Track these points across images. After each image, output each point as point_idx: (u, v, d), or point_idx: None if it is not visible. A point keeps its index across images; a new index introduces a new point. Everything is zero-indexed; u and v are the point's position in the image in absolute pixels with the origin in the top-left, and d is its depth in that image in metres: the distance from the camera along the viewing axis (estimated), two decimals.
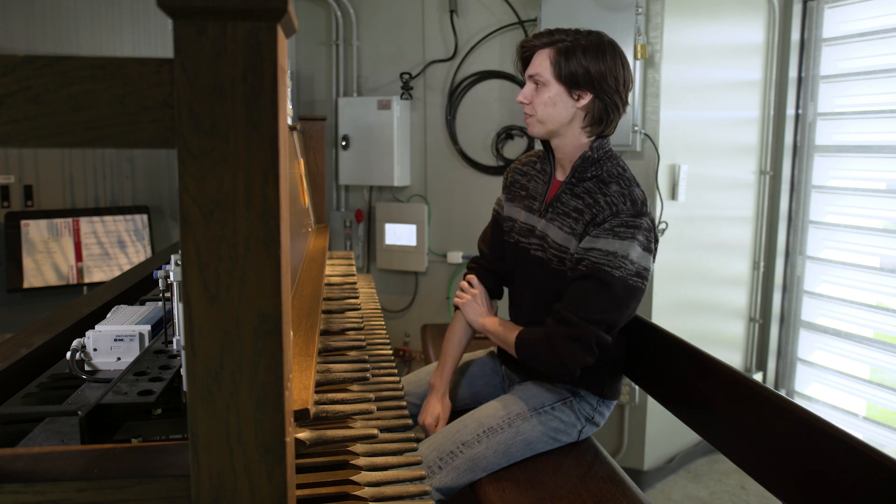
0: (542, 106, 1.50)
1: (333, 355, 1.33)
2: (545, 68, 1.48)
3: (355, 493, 0.96)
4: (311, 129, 2.85)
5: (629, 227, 1.43)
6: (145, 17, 3.10)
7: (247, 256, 0.59)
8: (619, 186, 1.48)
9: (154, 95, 0.59)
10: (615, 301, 1.43)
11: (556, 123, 1.50)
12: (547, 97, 1.49)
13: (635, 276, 1.44)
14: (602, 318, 1.44)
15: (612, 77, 1.46)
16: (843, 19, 2.89)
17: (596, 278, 1.42)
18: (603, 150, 1.52)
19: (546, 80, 1.48)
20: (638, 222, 1.44)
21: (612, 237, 1.43)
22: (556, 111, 1.49)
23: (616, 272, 1.42)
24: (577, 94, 1.47)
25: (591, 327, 1.43)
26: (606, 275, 1.42)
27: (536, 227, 1.60)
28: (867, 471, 1.02)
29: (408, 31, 3.19)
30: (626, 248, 1.42)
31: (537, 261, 1.58)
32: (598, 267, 1.42)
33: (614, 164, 1.53)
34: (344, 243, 3.42)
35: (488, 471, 1.52)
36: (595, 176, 1.52)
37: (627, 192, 1.47)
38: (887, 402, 2.74)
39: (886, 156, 2.73)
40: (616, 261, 1.42)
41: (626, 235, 1.43)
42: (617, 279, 1.42)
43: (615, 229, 1.43)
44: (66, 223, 2.86)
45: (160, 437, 0.91)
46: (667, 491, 2.81)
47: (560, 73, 1.46)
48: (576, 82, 1.46)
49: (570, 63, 1.45)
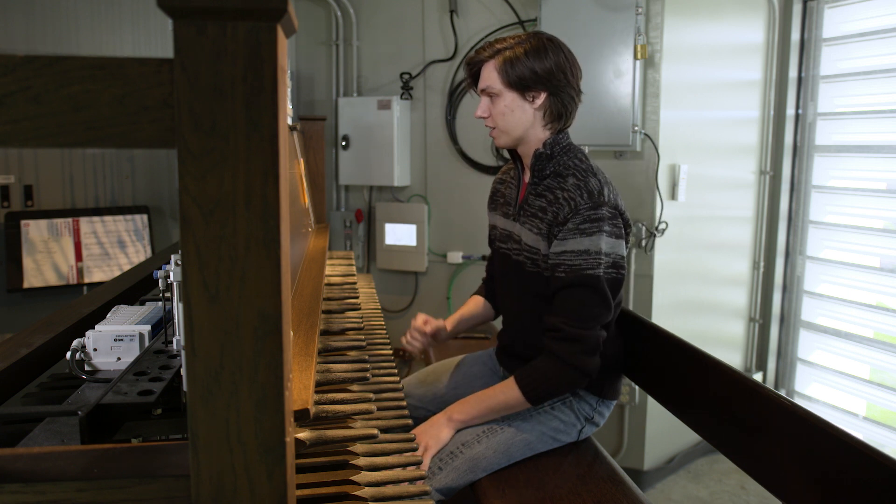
0: (501, 116, 1.53)
1: (333, 355, 1.33)
2: (494, 79, 1.51)
3: (355, 493, 0.96)
4: (311, 129, 2.85)
5: (592, 220, 1.45)
6: (145, 17, 3.10)
7: (247, 256, 0.59)
8: (574, 178, 1.50)
9: (154, 95, 0.59)
10: (604, 300, 1.46)
11: (520, 129, 1.53)
12: (503, 106, 1.52)
13: (612, 268, 1.47)
14: (598, 319, 1.47)
15: (559, 71, 1.48)
16: (843, 19, 2.89)
17: (580, 285, 1.45)
18: (559, 146, 1.55)
19: (498, 90, 1.51)
20: (599, 214, 1.45)
21: (580, 235, 1.45)
22: (516, 117, 1.52)
23: (597, 271, 1.44)
24: (531, 96, 1.50)
25: (594, 333, 1.46)
26: (589, 278, 1.44)
27: (512, 232, 1.63)
28: (867, 471, 1.02)
29: (408, 31, 3.19)
30: (596, 242, 1.44)
31: (517, 264, 1.61)
32: (577, 271, 1.44)
33: (571, 157, 1.55)
34: (344, 243, 3.42)
35: (488, 471, 1.52)
36: (553, 172, 1.55)
37: (583, 183, 1.48)
38: (887, 402, 2.74)
39: (886, 156, 2.73)
40: (591, 258, 1.44)
41: (592, 230, 1.44)
42: (600, 278, 1.44)
43: (580, 227, 1.45)
44: (66, 223, 2.86)
45: (160, 437, 0.91)
46: (667, 491, 2.81)
47: (509, 80, 1.49)
48: (526, 85, 1.49)
49: (516, 68, 1.48)
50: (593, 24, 2.56)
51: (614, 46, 2.54)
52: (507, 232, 1.66)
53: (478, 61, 1.55)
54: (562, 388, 1.49)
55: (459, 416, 1.54)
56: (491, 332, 2.67)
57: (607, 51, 2.55)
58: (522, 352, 1.66)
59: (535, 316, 1.58)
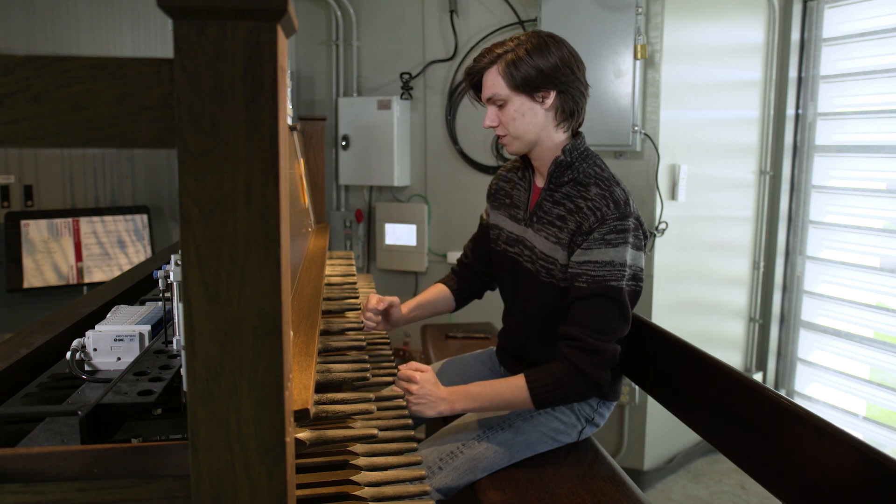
0: (512, 122, 1.47)
1: (333, 355, 1.33)
2: (500, 85, 1.44)
3: (355, 493, 0.96)
4: (311, 129, 2.85)
5: (619, 231, 1.41)
6: (145, 17, 3.10)
7: (247, 256, 0.59)
8: (598, 188, 1.46)
9: (154, 95, 0.59)
10: (624, 312, 1.43)
11: (533, 132, 1.48)
12: (513, 111, 1.46)
13: (632, 280, 1.44)
14: (617, 332, 1.44)
15: (565, 67, 1.44)
16: (843, 19, 2.89)
17: (602, 296, 1.41)
18: (577, 152, 1.50)
19: (505, 96, 1.45)
20: (626, 224, 1.42)
21: (605, 246, 1.41)
22: (527, 121, 1.46)
23: (619, 283, 1.41)
24: (541, 97, 1.45)
25: (613, 346, 1.44)
26: (611, 290, 1.40)
27: (523, 237, 1.59)
28: (867, 471, 1.02)
29: (408, 31, 3.19)
30: (621, 254, 1.41)
31: (527, 272, 1.58)
32: (600, 282, 1.40)
33: (590, 165, 1.50)
34: (344, 243, 3.42)
35: (488, 471, 1.52)
36: (572, 179, 1.50)
37: (608, 192, 1.44)
38: (887, 402, 2.74)
39: (886, 156, 2.73)
40: (615, 270, 1.41)
41: (619, 242, 1.41)
42: (622, 290, 1.41)
43: (606, 237, 1.41)
44: (66, 223, 2.86)
45: (160, 437, 0.91)
46: (667, 491, 2.81)
47: (516, 84, 1.43)
48: (534, 85, 1.43)
49: (521, 70, 1.42)
50: (593, 23, 2.56)
51: (614, 46, 2.54)
52: (516, 236, 1.62)
53: (478, 69, 1.48)
54: (571, 397, 1.47)
55: (461, 407, 1.47)
56: (490, 332, 2.67)
57: (607, 51, 2.55)
58: (525, 355, 1.66)
59: (542, 324, 1.57)
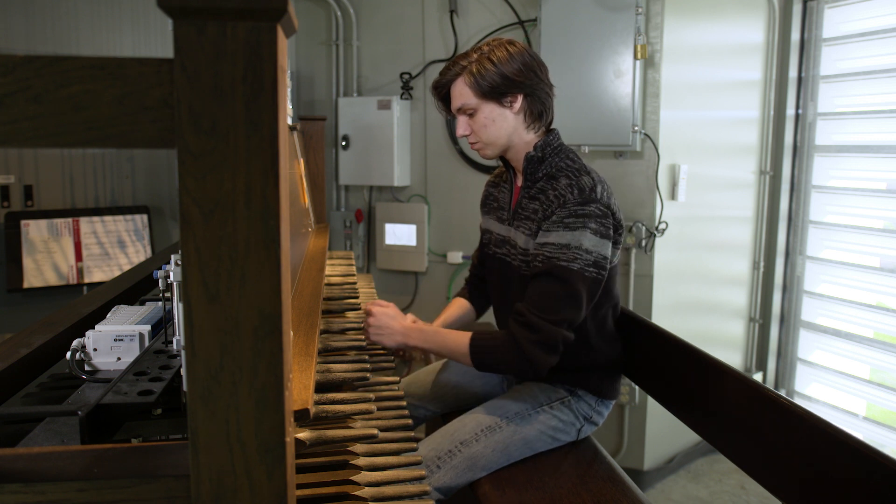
0: (484, 129, 1.52)
1: (333, 355, 1.33)
2: (467, 95, 1.50)
3: (355, 493, 0.96)
4: (311, 129, 2.85)
5: (578, 216, 1.43)
6: (145, 17, 3.10)
7: (247, 256, 0.59)
8: (567, 179, 1.49)
9: (154, 95, 0.59)
10: (576, 298, 1.44)
11: (504, 137, 1.53)
12: (483, 118, 1.51)
13: (592, 267, 1.44)
14: (565, 317, 1.44)
15: (528, 70, 1.48)
16: (843, 19, 2.89)
17: (554, 276, 1.42)
18: (550, 148, 1.54)
19: (474, 104, 1.50)
20: (587, 210, 1.43)
21: (563, 229, 1.43)
22: (498, 126, 1.51)
23: (573, 265, 1.42)
24: (508, 101, 1.49)
25: (556, 329, 1.43)
26: (564, 270, 1.42)
27: (508, 237, 1.62)
28: (867, 471, 1.02)
29: (408, 31, 3.19)
30: (577, 238, 1.42)
31: (512, 270, 1.60)
32: (554, 262, 1.43)
33: (562, 159, 1.54)
34: (344, 243, 3.42)
35: (487, 470, 1.52)
36: (546, 174, 1.54)
37: (575, 181, 1.47)
38: (887, 402, 2.74)
39: (886, 156, 2.73)
40: (570, 252, 1.42)
41: (577, 225, 1.43)
42: (575, 273, 1.42)
43: (564, 220, 1.44)
44: (66, 223, 2.86)
45: (160, 437, 0.91)
46: (667, 491, 2.81)
47: (483, 92, 1.48)
48: (501, 91, 1.48)
49: (486, 78, 1.46)
50: (593, 24, 2.56)
51: (614, 46, 2.54)
52: (503, 237, 1.65)
53: (445, 82, 1.54)
54: (505, 367, 1.48)
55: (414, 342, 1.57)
56: None
57: (607, 51, 2.55)
58: None
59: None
